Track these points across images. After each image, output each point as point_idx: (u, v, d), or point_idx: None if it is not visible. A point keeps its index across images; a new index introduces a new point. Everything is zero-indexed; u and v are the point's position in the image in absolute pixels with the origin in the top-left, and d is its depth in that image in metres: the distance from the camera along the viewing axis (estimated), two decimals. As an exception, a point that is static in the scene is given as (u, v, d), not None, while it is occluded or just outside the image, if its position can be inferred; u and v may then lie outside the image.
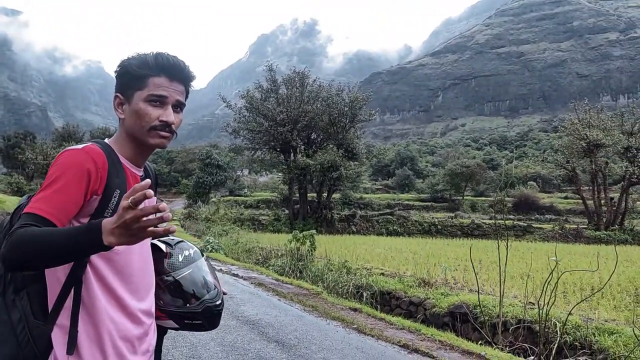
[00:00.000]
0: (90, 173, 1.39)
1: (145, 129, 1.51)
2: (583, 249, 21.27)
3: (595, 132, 33.50)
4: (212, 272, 1.74)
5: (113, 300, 1.45)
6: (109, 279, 1.44)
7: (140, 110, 1.50)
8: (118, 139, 1.57)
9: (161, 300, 1.63)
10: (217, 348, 5.48)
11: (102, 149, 1.47)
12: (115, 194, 1.44)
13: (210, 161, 45.41)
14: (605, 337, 6.12)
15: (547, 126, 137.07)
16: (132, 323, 1.48)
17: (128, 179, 1.52)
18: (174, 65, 1.54)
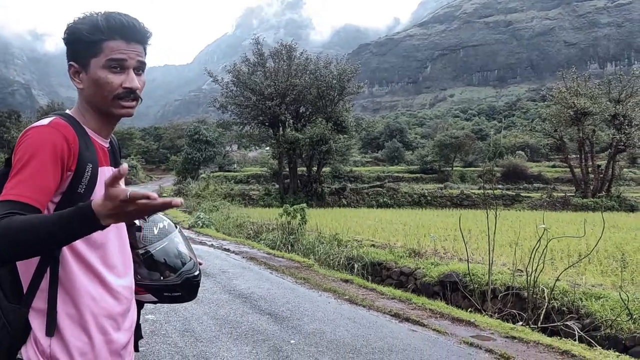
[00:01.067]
0: (63, 150, 1.30)
1: (109, 98, 1.40)
2: (570, 217, 21.55)
3: (583, 100, 33.59)
4: (187, 244, 1.71)
5: (93, 277, 1.39)
6: (87, 255, 1.38)
7: (100, 78, 1.38)
8: (80, 110, 1.46)
9: (138, 275, 1.59)
10: (211, 322, 5.53)
11: (68, 122, 1.37)
12: (88, 168, 1.36)
13: (199, 137, 45.10)
14: (592, 301, 6.24)
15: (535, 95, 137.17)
16: (114, 300, 1.43)
17: (97, 151, 1.42)
18: (128, 26, 1.40)
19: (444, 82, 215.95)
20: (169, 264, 1.62)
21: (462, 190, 37.90)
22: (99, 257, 1.41)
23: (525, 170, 48.99)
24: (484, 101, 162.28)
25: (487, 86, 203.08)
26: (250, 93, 34.72)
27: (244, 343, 4.82)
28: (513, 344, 5.00)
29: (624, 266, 8.86)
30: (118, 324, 1.45)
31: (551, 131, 37.78)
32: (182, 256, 1.65)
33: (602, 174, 35.74)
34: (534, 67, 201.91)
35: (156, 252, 1.61)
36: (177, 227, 1.73)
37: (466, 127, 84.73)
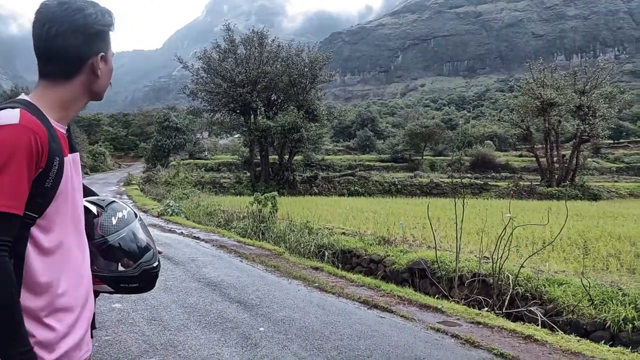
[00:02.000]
0: (36, 151, 1.27)
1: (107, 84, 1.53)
2: (536, 205, 22.05)
3: (549, 91, 34.26)
4: (147, 233, 1.67)
5: (56, 270, 1.37)
6: (51, 248, 1.36)
7: (112, 69, 1.52)
8: (60, 102, 1.43)
9: (95, 266, 1.55)
10: (179, 310, 5.49)
11: (36, 116, 1.32)
12: (55, 162, 1.33)
13: (169, 124, 44.36)
14: (555, 287, 6.42)
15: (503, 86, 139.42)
16: (75, 293, 1.42)
17: (61, 141, 1.39)
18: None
19: (415, 71, 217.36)
20: (127, 255, 1.58)
21: (432, 179, 38.34)
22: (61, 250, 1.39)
23: (493, 159, 49.84)
24: (454, 91, 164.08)
25: (457, 76, 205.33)
26: (221, 80, 34.30)
27: (213, 331, 4.81)
28: (478, 329, 5.11)
29: (586, 253, 9.12)
30: (78, 317, 1.43)
31: (518, 121, 38.47)
32: (141, 246, 1.61)
33: (567, 163, 36.64)
34: (502, 58, 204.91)
35: (114, 243, 1.56)
36: (137, 216, 1.69)
37: (436, 116, 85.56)
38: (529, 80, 36.93)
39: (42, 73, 1.44)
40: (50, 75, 1.43)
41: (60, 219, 1.38)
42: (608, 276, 7.28)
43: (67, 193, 1.39)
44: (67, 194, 1.39)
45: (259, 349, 4.36)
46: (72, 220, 1.44)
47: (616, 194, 35.03)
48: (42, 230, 1.34)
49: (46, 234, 1.34)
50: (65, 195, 1.39)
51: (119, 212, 1.61)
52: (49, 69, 1.43)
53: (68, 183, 1.40)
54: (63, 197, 1.38)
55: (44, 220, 1.33)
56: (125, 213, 1.62)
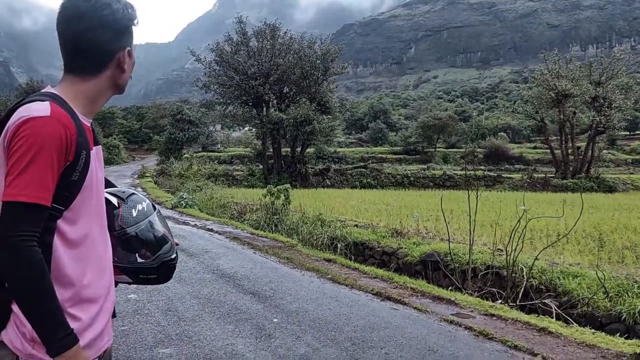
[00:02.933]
0: (66, 144, 1.30)
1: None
2: (550, 197, 21.88)
3: (564, 82, 33.86)
4: (165, 225, 1.69)
5: (81, 262, 1.40)
6: (77, 241, 1.39)
7: (134, 61, 1.55)
8: (87, 96, 1.46)
9: (115, 256, 1.57)
10: (193, 301, 5.54)
11: (66, 111, 1.34)
12: (82, 155, 1.35)
13: (182, 117, 44.57)
14: (569, 280, 6.38)
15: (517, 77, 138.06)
16: (98, 284, 1.45)
17: (87, 134, 1.42)
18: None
19: (427, 63, 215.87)
20: (146, 247, 1.60)
21: (445, 171, 38.16)
22: (86, 242, 1.42)
23: (507, 151, 49.49)
24: (467, 83, 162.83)
25: (470, 68, 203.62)
26: (234, 73, 34.35)
27: (227, 322, 4.85)
28: (492, 321, 5.09)
29: (601, 246, 9.05)
30: (101, 307, 1.45)
31: (533, 113, 38.12)
32: (160, 239, 1.63)
33: (582, 155, 36.25)
34: (516, 49, 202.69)
35: (133, 234, 1.58)
36: (156, 208, 1.71)
37: (449, 108, 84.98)
38: (543, 71, 36.53)
39: (68, 68, 1.45)
40: (78, 69, 1.44)
41: (85, 211, 1.40)
42: (623, 269, 7.21)
43: (92, 186, 1.41)
44: (92, 187, 1.42)
45: (273, 339, 4.39)
46: (97, 213, 1.47)
47: (632, 186, 34.57)
48: (68, 222, 1.36)
49: (72, 226, 1.37)
50: (90, 188, 1.41)
51: (139, 204, 1.63)
52: (77, 63, 1.44)
53: (93, 176, 1.42)
54: (88, 190, 1.40)
55: (70, 212, 1.36)
56: (145, 205, 1.64)
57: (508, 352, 4.25)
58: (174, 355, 4.00)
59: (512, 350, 4.28)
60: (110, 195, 1.62)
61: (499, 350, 4.28)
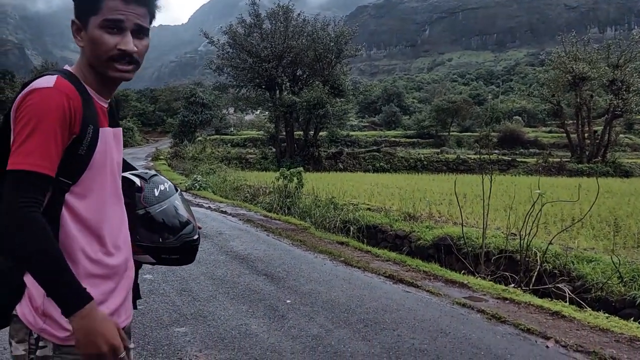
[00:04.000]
0: (70, 114, 1.29)
1: (103, 59, 1.38)
2: (565, 182, 21.68)
3: (582, 65, 33.34)
4: (187, 207, 1.70)
5: (91, 238, 1.40)
6: (86, 216, 1.38)
7: (95, 38, 1.36)
8: (82, 69, 1.43)
9: (138, 235, 1.58)
10: (208, 282, 5.61)
11: (70, 82, 1.34)
12: (89, 130, 1.34)
13: (195, 99, 44.59)
14: (583, 264, 6.35)
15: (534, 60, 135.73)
16: (111, 260, 1.45)
17: (98, 112, 1.41)
18: None
19: (442, 45, 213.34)
20: (168, 227, 1.61)
21: (459, 155, 37.91)
22: (98, 220, 1.41)
23: (522, 135, 48.92)
24: (482, 65, 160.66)
25: (485, 50, 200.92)
26: (247, 55, 34.27)
27: (241, 302, 4.91)
28: (505, 305, 5.10)
29: (617, 231, 8.98)
30: (116, 285, 1.46)
31: (549, 96, 37.62)
32: (182, 219, 1.64)
33: (598, 139, 35.79)
34: (533, 31, 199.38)
35: (156, 214, 1.60)
36: (178, 190, 1.72)
37: (464, 91, 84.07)
38: (560, 54, 35.96)
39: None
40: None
41: (97, 188, 1.40)
42: (639, 254, 7.16)
43: (105, 165, 1.41)
44: (105, 166, 1.41)
45: (286, 320, 4.44)
46: (112, 192, 1.47)
47: (649, 171, 34.13)
48: (77, 197, 1.36)
49: (81, 201, 1.37)
50: (103, 167, 1.41)
51: (161, 184, 1.65)
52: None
53: (107, 155, 1.42)
54: (100, 168, 1.40)
55: (78, 187, 1.36)
56: (167, 186, 1.65)
57: (520, 335, 4.26)
58: (189, 334, 4.06)
59: (525, 334, 4.28)
60: (132, 176, 1.63)
61: (512, 334, 4.29)
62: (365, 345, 3.94)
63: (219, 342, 3.92)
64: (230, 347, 3.84)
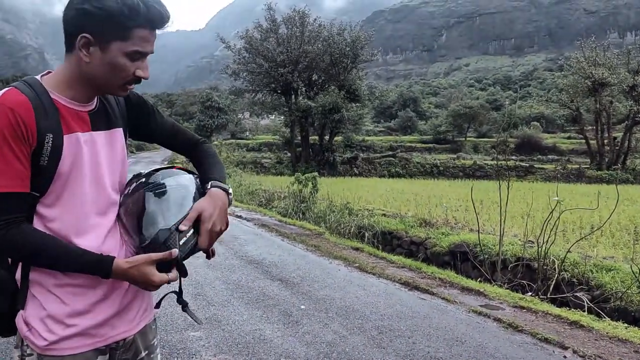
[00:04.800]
0: (17, 127, 1.22)
1: (119, 84, 1.34)
2: (584, 189, 21.39)
3: (601, 70, 32.91)
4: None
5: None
6: (59, 226, 1.33)
7: (118, 64, 1.30)
8: (64, 79, 1.35)
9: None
10: (222, 286, 5.62)
11: (21, 92, 1.27)
12: (48, 139, 1.27)
13: (211, 104, 44.99)
14: (602, 273, 6.24)
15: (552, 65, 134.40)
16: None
17: (63, 116, 1.32)
18: (162, 17, 1.33)
19: (459, 50, 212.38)
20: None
21: (475, 161, 37.64)
22: (73, 229, 1.34)
23: (540, 141, 48.40)
24: (500, 70, 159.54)
25: (503, 55, 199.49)
26: (263, 60, 34.43)
27: (255, 307, 4.91)
28: (522, 314, 5.03)
29: (637, 239, 8.81)
30: (104, 295, 1.38)
31: (567, 102, 37.17)
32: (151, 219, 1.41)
33: (618, 146, 35.26)
34: (552, 36, 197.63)
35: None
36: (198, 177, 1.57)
37: (481, 97, 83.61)
38: (579, 59, 35.52)
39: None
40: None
41: (70, 199, 1.33)
42: (660, 263, 7.01)
43: (79, 173, 1.34)
44: (79, 174, 1.34)
45: (300, 326, 4.42)
46: (96, 201, 1.39)
47: (670, 179, 33.50)
48: (48, 207, 1.32)
49: (52, 211, 1.32)
50: (77, 176, 1.33)
51: (165, 178, 1.48)
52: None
53: (81, 163, 1.34)
54: (73, 177, 1.33)
55: (48, 198, 1.32)
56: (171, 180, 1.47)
57: (538, 344, 4.20)
58: (203, 339, 4.07)
59: (542, 343, 4.22)
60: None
61: (529, 343, 4.23)
62: (379, 352, 3.91)
63: (233, 347, 3.92)
64: (244, 352, 3.83)
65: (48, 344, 1.30)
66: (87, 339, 1.35)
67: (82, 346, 1.34)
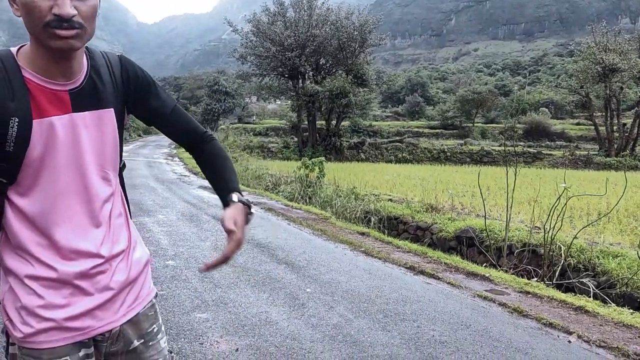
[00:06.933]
0: None
1: (39, 27, 1.16)
2: (592, 175, 21.26)
3: (612, 56, 32.53)
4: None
5: (40, 239, 1.27)
6: (32, 216, 1.26)
7: (27, 4, 1.15)
8: (28, 47, 1.25)
9: None
10: (229, 269, 5.66)
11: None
12: (12, 123, 1.17)
13: (218, 88, 44.99)
14: (609, 260, 6.22)
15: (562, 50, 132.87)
16: (67, 261, 1.29)
17: (36, 99, 1.22)
18: None
19: (468, 35, 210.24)
20: None
21: (483, 147, 37.47)
22: (46, 219, 1.28)
23: (548, 127, 48.04)
24: (509, 56, 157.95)
25: (513, 40, 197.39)
26: (270, 44, 34.26)
27: (262, 290, 4.95)
28: (527, 299, 5.04)
29: (644, 226, 8.77)
30: (83, 289, 1.31)
31: (577, 88, 36.83)
32: None
33: (628, 132, 34.96)
34: (562, 21, 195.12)
35: None
36: None
37: (489, 82, 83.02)
38: (590, 45, 35.11)
39: None
40: None
41: (42, 187, 1.26)
42: (667, 250, 6.98)
43: (53, 160, 1.25)
44: (53, 161, 1.26)
45: (306, 309, 4.46)
46: (75, 190, 1.30)
47: (680, 166, 33.24)
48: (20, 195, 1.26)
49: (25, 200, 1.26)
50: (50, 162, 1.25)
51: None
52: None
53: (56, 148, 1.25)
54: (45, 164, 1.24)
55: (20, 187, 1.25)
56: None
57: (542, 329, 4.21)
58: (210, 320, 4.11)
59: (547, 328, 4.23)
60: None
61: (533, 328, 4.24)
62: (384, 335, 3.94)
63: (239, 329, 3.96)
64: (250, 333, 3.87)
65: (24, 337, 1.24)
66: (66, 333, 1.28)
67: (60, 339, 1.27)
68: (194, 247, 6.57)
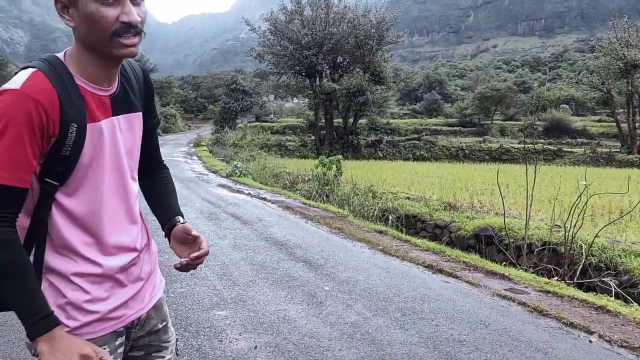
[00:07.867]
0: (39, 120, 1.16)
1: (107, 36, 1.20)
2: (614, 173, 20.93)
3: (634, 51, 31.99)
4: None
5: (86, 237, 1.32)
6: (79, 216, 1.30)
7: (92, 14, 1.18)
8: (74, 54, 1.28)
9: None
10: (247, 267, 5.70)
11: (47, 77, 1.19)
12: (71, 129, 1.21)
13: (236, 86, 45.12)
14: (631, 258, 6.13)
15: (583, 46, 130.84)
16: (110, 257, 1.36)
17: (88, 105, 1.26)
18: None
19: (487, 31, 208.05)
20: None
21: (502, 145, 37.09)
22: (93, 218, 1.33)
23: (569, 124, 47.32)
24: (529, 52, 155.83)
25: (532, 36, 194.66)
26: (287, 42, 34.32)
27: (280, 288, 4.97)
28: (547, 298, 4.99)
29: (668, 224, 8.61)
30: (119, 282, 1.39)
31: (598, 84, 36.27)
32: None
33: (650, 129, 34.33)
34: (583, 16, 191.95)
35: None
36: None
37: (508, 79, 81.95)
38: (611, 40, 34.55)
39: None
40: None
41: (90, 187, 1.30)
42: (692, 249, 6.85)
43: (99, 161, 1.31)
44: (99, 162, 1.31)
45: (324, 307, 4.47)
46: (116, 189, 1.37)
47: None
48: (68, 196, 1.29)
49: (72, 201, 1.29)
50: (97, 164, 1.30)
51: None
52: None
53: (102, 150, 1.30)
54: (93, 165, 1.29)
55: (68, 187, 1.28)
56: None
57: (563, 329, 4.17)
58: (229, 318, 4.15)
59: (568, 328, 4.19)
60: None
61: (554, 327, 4.20)
62: (403, 334, 3.94)
63: (258, 327, 3.99)
64: (269, 331, 3.90)
65: (69, 330, 1.28)
66: (107, 323, 1.35)
67: (101, 330, 1.34)
68: (212, 244, 6.63)
